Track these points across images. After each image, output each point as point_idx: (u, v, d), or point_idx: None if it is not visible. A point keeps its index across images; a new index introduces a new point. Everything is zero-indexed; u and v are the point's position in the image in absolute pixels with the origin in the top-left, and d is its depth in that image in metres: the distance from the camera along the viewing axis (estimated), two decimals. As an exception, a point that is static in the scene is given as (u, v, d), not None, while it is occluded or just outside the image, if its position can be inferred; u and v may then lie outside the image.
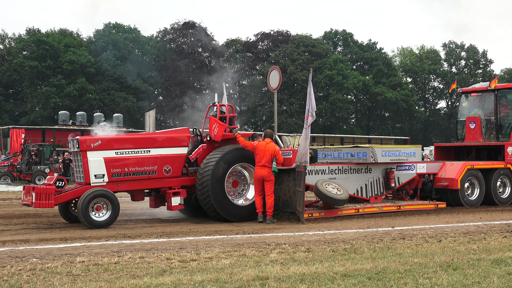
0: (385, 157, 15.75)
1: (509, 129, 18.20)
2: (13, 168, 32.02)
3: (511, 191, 17.56)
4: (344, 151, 16.35)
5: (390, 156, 15.93)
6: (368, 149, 15.67)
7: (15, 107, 61.53)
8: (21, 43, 62.43)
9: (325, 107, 66.53)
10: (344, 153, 16.30)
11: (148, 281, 6.76)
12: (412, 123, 75.28)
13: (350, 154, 16.03)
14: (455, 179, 16.39)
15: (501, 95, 18.46)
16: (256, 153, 13.14)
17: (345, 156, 16.08)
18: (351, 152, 16.06)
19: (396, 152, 16.21)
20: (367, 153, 15.57)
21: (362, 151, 15.75)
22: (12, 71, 61.05)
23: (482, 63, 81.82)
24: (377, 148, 15.81)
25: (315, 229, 11.98)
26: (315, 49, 67.56)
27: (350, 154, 16.03)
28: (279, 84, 17.85)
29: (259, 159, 13.06)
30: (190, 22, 64.45)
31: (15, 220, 13.90)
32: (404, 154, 16.27)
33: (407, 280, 6.84)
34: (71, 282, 6.80)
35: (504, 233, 10.92)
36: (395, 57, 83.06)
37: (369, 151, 15.53)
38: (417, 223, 12.94)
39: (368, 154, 15.52)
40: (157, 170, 12.99)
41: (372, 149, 15.59)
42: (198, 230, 11.80)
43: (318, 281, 6.80)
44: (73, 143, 12.75)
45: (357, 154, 15.77)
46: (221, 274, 7.17)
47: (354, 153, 15.90)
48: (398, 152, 16.25)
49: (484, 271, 7.30)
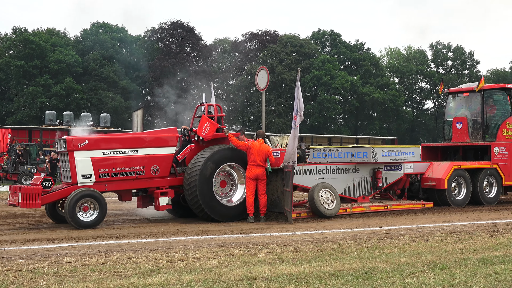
0: (385, 157, 15.94)
1: (495, 130, 18.32)
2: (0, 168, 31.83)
3: (497, 191, 17.69)
4: (344, 151, 16.50)
5: (390, 156, 16.13)
6: (369, 149, 15.80)
7: (1, 106, 61.09)
8: (7, 42, 61.95)
9: (313, 107, 66.65)
10: (344, 153, 16.47)
11: (136, 282, 6.74)
12: (399, 123, 75.56)
13: (351, 154, 16.18)
14: (442, 179, 16.48)
15: (487, 96, 18.58)
16: (250, 153, 13.17)
17: (346, 156, 16.23)
18: (351, 152, 16.20)
19: (396, 152, 16.40)
20: (368, 153, 15.73)
21: (363, 151, 15.92)
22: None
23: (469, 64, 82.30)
24: (377, 148, 15.95)
25: (303, 229, 12.00)
26: (303, 49, 67.67)
27: (351, 154, 16.19)
28: (267, 84, 17.86)
29: (254, 159, 13.11)
30: (178, 22, 64.33)
31: (1, 220, 13.81)
32: (403, 154, 16.46)
33: (395, 279, 6.86)
34: (58, 282, 6.76)
35: (490, 233, 10.99)
36: (382, 58, 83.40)
37: (369, 151, 15.67)
38: (404, 223, 12.99)
39: (368, 154, 15.69)
40: (145, 170, 12.96)
41: (372, 149, 15.72)
42: (186, 230, 11.79)
43: (306, 281, 6.81)
44: (60, 143, 12.69)
45: (357, 154, 15.94)
46: (209, 274, 7.17)
47: (355, 153, 16.05)
48: (398, 152, 16.44)
49: (471, 271, 7.34)
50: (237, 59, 68.17)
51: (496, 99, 18.73)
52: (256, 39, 67.61)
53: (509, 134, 18.29)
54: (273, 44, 65.46)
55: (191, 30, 64.74)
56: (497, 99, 18.72)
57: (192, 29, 64.87)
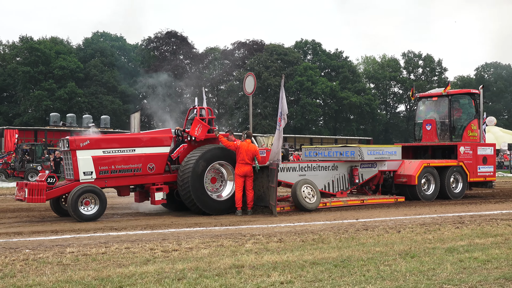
0: (370, 156, 16.04)
1: (461, 131, 18.44)
2: (7, 166, 31.59)
3: (462, 186, 17.80)
4: (334, 150, 16.58)
5: (374, 155, 16.24)
6: (356, 148, 15.87)
7: (9, 109, 60.65)
8: (14, 49, 61.55)
9: (296, 110, 66.72)
10: (334, 152, 16.58)
11: (133, 270, 6.72)
12: (374, 125, 75.89)
13: (340, 153, 16.28)
14: (413, 175, 16.56)
15: (454, 100, 18.69)
16: (239, 152, 13.18)
17: (335, 155, 16.30)
18: (340, 151, 16.28)
19: (380, 151, 16.50)
20: (355, 152, 15.84)
21: (351, 150, 16.01)
22: (6, 76, 60.18)
23: (437, 71, 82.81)
24: (363, 148, 16.02)
25: (287, 221, 12.00)
26: (287, 57, 67.73)
27: (339, 153, 16.28)
28: (254, 89, 17.84)
29: (243, 157, 13.14)
30: (172, 32, 64.13)
31: (9, 214, 13.71)
32: (386, 153, 16.56)
33: (370, 267, 6.89)
34: (61, 271, 6.73)
35: (456, 224, 11.05)
36: (359, 65, 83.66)
37: (356, 150, 15.75)
38: (378, 216, 13.02)
39: (355, 153, 15.79)
40: (142, 168, 12.91)
41: (359, 148, 15.80)
42: (180, 223, 11.75)
43: (289, 268, 6.82)
44: (63, 142, 12.62)
45: (345, 153, 16.02)
46: (201, 263, 7.16)
47: (343, 152, 16.13)
48: (382, 151, 16.54)
49: (439, 259, 7.38)
50: (227, 66, 68.05)
51: (462, 103, 18.84)
52: (244, 48, 67.58)
53: (473, 135, 18.42)
54: (260, 53, 65.45)
55: (184, 39, 64.58)
56: (463, 103, 18.84)
57: (185, 38, 64.73)
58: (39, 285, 6.01)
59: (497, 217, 12.46)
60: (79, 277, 6.37)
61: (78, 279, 6.28)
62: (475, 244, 8.59)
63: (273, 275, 6.43)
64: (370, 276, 6.40)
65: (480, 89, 18.82)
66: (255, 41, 67.94)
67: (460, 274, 6.50)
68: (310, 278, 6.34)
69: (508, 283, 6.07)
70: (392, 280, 6.21)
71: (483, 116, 19.32)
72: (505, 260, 7.30)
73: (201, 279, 6.27)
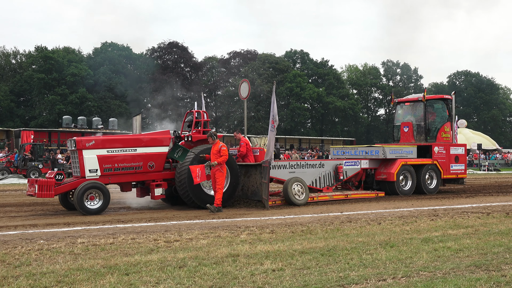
0: (392, 154, 16.62)
1: (435, 132, 18.48)
2: (11, 164, 31.27)
3: (437, 183, 17.86)
4: (360, 149, 16.94)
5: (395, 153, 16.79)
6: (380, 148, 16.09)
7: (25, 112, 60.43)
8: (30, 58, 61.28)
9: (286, 113, 66.76)
10: (360, 151, 17.01)
11: (139, 259, 6.69)
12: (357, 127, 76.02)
13: (365, 151, 16.52)
14: (392, 173, 16.60)
15: (429, 105, 18.74)
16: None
17: (361, 154, 16.57)
18: (366, 150, 16.51)
19: (400, 150, 17.02)
20: (379, 151, 16.34)
21: (375, 150, 16.35)
22: (23, 82, 59.98)
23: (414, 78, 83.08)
24: (386, 147, 16.28)
25: (278, 214, 11.98)
26: (278, 65, 67.78)
27: (365, 152, 16.54)
28: (248, 94, 17.82)
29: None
30: (174, 42, 64.01)
31: (25, 208, 13.63)
32: (405, 152, 17.13)
33: (353, 256, 6.88)
34: (73, 260, 6.69)
35: (431, 217, 11.07)
36: (343, 73, 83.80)
37: (380, 149, 16.01)
38: (361, 209, 13.02)
39: (380, 152, 16.29)
40: (143, 166, 12.84)
41: (383, 148, 16.09)
42: (181, 216, 11.72)
43: (280, 257, 6.80)
44: (71, 142, 12.54)
45: (370, 152, 16.27)
46: (200, 252, 7.13)
47: (369, 151, 16.34)
48: (401, 150, 17.05)
49: (415, 248, 7.39)
50: (223, 74, 67.99)
51: (436, 107, 18.89)
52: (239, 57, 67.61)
53: (446, 136, 18.48)
54: (253, 61, 65.45)
55: (185, 49, 64.47)
56: (437, 107, 18.89)
57: (186, 48, 64.63)
58: (52, 272, 5.97)
59: (468, 210, 12.49)
60: (89, 265, 6.33)
61: (88, 267, 6.24)
62: (448, 234, 8.60)
63: (265, 263, 6.41)
64: (354, 264, 6.39)
65: (452, 95, 18.89)
66: (249, 51, 67.99)
67: (435, 262, 6.50)
68: (299, 265, 6.32)
69: (478, 270, 6.08)
70: (374, 268, 6.20)
71: (455, 119, 19.37)
72: (475, 249, 7.31)
73: (200, 267, 6.24)
